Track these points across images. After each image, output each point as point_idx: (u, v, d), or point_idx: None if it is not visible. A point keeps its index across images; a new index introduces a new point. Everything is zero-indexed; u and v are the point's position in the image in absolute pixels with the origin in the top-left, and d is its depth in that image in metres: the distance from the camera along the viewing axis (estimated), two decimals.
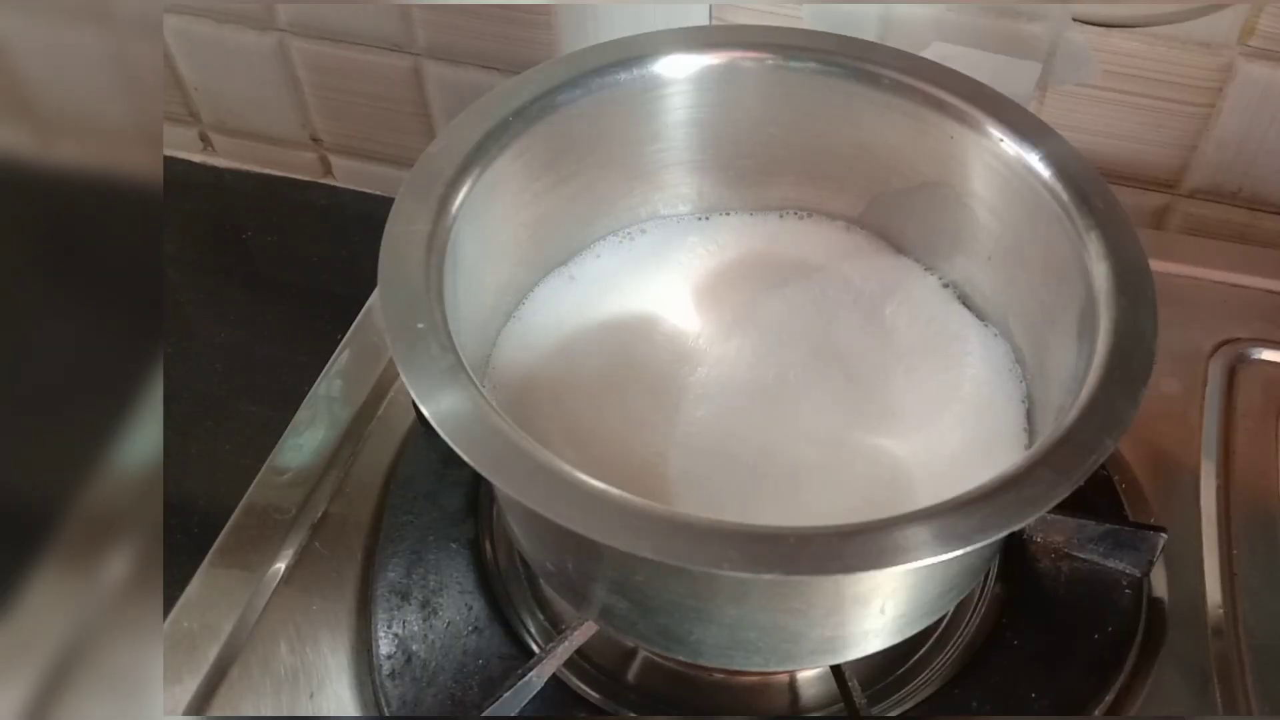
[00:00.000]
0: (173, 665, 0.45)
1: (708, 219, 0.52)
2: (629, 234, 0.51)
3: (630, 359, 0.46)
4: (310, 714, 0.44)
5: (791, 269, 0.50)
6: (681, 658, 0.43)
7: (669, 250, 0.51)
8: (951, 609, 0.45)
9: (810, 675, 0.46)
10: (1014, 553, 0.47)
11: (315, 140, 0.78)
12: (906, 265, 0.50)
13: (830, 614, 0.38)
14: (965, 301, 0.49)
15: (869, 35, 0.59)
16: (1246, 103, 0.59)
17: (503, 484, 0.33)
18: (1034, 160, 0.43)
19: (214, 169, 0.79)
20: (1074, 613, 0.45)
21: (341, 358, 0.57)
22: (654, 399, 0.45)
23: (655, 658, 0.46)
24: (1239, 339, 0.56)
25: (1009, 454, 0.43)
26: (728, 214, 0.52)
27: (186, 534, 0.51)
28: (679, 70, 0.47)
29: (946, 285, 0.49)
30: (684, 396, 0.45)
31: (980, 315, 0.48)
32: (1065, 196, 0.41)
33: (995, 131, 0.44)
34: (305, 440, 0.53)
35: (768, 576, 0.32)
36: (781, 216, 0.52)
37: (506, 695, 0.42)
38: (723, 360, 0.46)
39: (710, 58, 0.47)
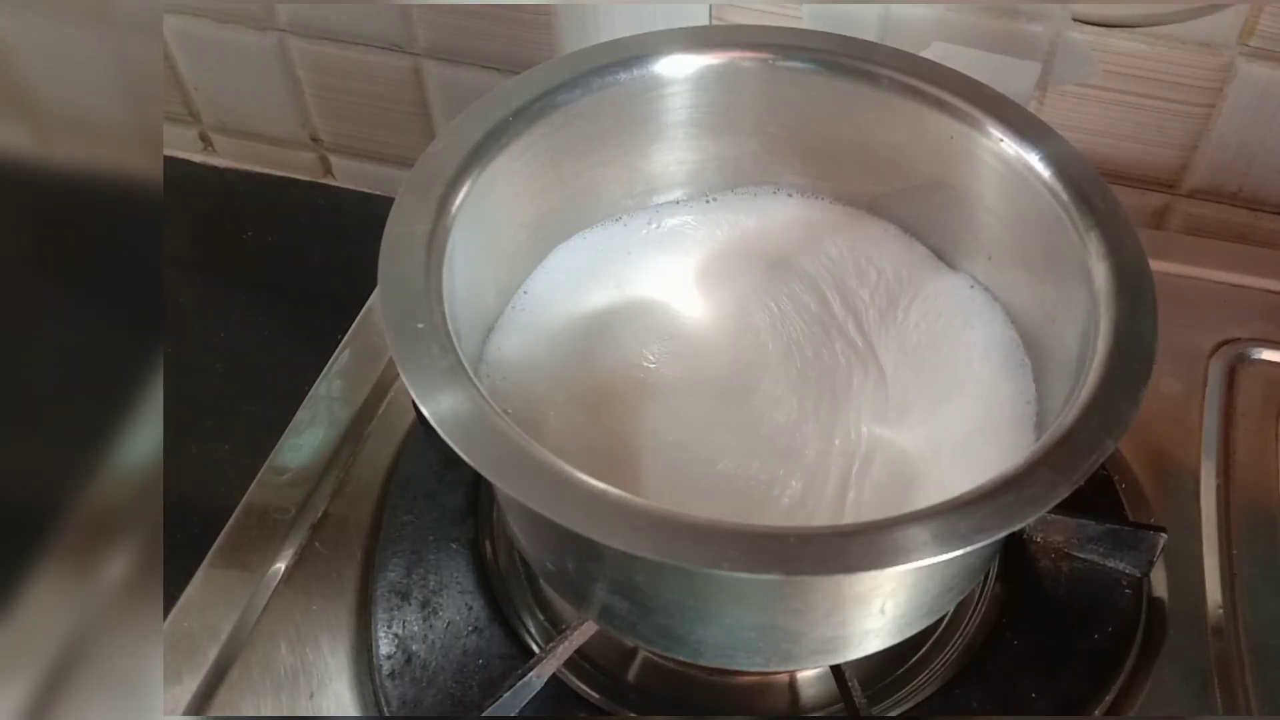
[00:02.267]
0: (173, 665, 0.45)
1: (716, 200, 0.51)
2: (649, 220, 0.51)
3: (634, 351, 0.46)
4: (310, 714, 0.44)
5: (802, 254, 0.49)
6: (681, 658, 0.43)
7: (677, 237, 0.50)
8: (951, 609, 0.45)
9: (810, 675, 0.46)
10: (1014, 553, 0.47)
11: (315, 140, 0.78)
12: (921, 253, 0.49)
13: (830, 614, 0.38)
14: None
15: (869, 35, 0.59)
16: (1246, 103, 0.59)
17: (503, 484, 0.33)
18: (1034, 160, 0.43)
19: (214, 169, 0.79)
20: (1074, 613, 0.45)
21: (341, 358, 0.57)
22: (664, 394, 0.44)
23: (655, 658, 0.46)
24: (1239, 339, 0.56)
25: (1017, 448, 0.42)
26: (734, 191, 0.51)
27: (186, 534, 0.51)
28: (679, 70, 0.47)
29: (958, 271, 0.48)
30: (700, 391, 0.44)
31: None
32: (1065, 196, 0.41)
33: (995, 131, 0.44)
34: (305, 440, 0.53)
35: (768, 576, 0.32)
36: (789, 195, 0.51)
37: (506, 695, 0.42)
38: (737, 353, 0.46)
39: (710, 58, 0.47)
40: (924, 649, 0.46)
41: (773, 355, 0.46)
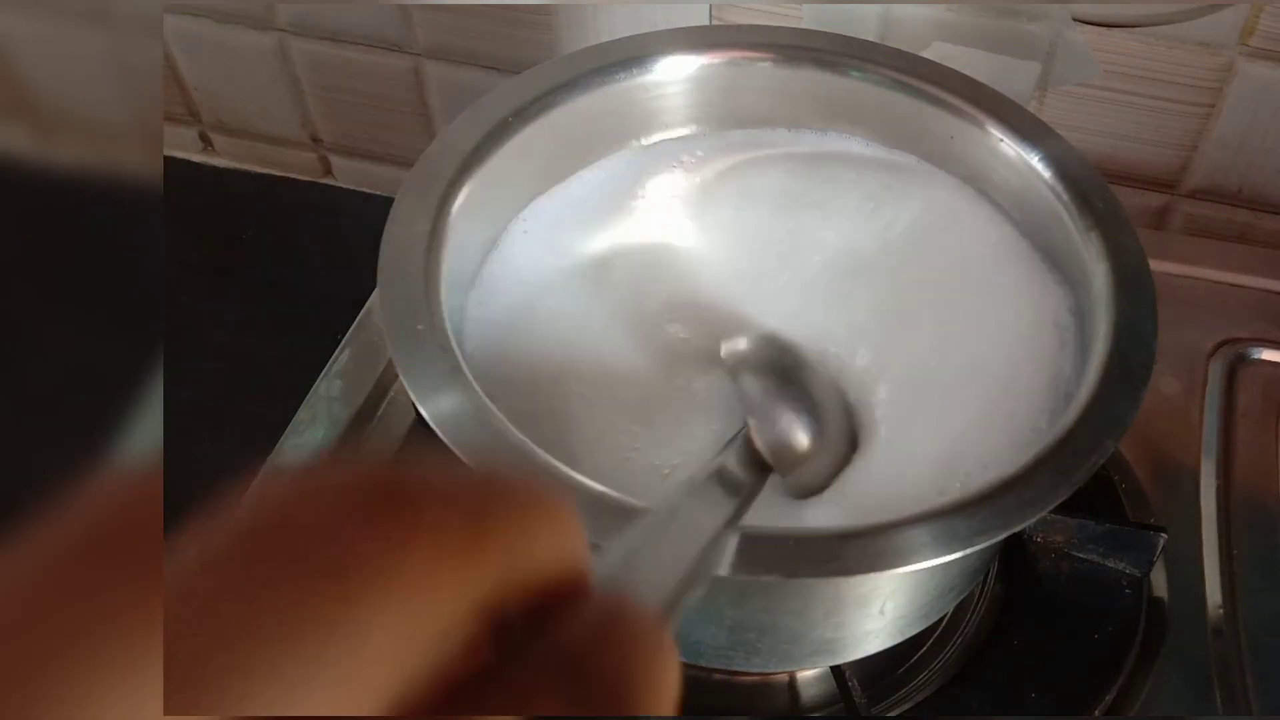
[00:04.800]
0: None
1: (745, 131, 0.48)
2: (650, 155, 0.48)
3: (648, 309, 0.43)
4: None
5: (803, 185, 0.46)
6: (682, 658, 0.43)
7: (665, 168, 0.48)
8: (951, 609, 0.45)
9: (810, 675, 0.46)
10: (1014, 553, 0.47)
11: (315, 140, 0.78)
12: (956, 184, 0.46)
13: (830, 615, 0.38)
14: None
15: (869, 35, 0.59)
16: (1246, 103, 0.59)
17: None
18: (1034, 160, 0.43)
19: (214, 169, 0.79)
20: (1074, 613, 0.45)
21: (341, 358, 0.57)
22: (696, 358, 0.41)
23: None
24: (1239, 339, 0.56)
25: (1040, 355, 0.40)
26: (744, 129, 0.49)
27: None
28: (679, 70, 0.47)
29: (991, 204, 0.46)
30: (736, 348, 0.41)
31: None
32: (1065, 196, 0.41)
33: (995, 131, 0.44)
34: (305, 440, 0.53)
35: (767, 578, 0.32)
36: (819, 133, 0.48)
37: None
38: (774, 301, 0.42)
39: (710, 58, 0.47)
40: (924, 649, 0.46)
41: (800, 304, 0.42)
